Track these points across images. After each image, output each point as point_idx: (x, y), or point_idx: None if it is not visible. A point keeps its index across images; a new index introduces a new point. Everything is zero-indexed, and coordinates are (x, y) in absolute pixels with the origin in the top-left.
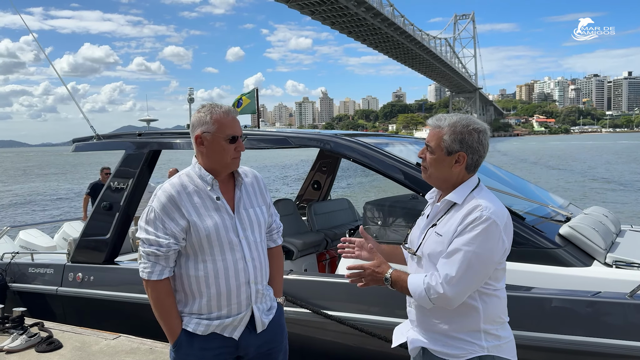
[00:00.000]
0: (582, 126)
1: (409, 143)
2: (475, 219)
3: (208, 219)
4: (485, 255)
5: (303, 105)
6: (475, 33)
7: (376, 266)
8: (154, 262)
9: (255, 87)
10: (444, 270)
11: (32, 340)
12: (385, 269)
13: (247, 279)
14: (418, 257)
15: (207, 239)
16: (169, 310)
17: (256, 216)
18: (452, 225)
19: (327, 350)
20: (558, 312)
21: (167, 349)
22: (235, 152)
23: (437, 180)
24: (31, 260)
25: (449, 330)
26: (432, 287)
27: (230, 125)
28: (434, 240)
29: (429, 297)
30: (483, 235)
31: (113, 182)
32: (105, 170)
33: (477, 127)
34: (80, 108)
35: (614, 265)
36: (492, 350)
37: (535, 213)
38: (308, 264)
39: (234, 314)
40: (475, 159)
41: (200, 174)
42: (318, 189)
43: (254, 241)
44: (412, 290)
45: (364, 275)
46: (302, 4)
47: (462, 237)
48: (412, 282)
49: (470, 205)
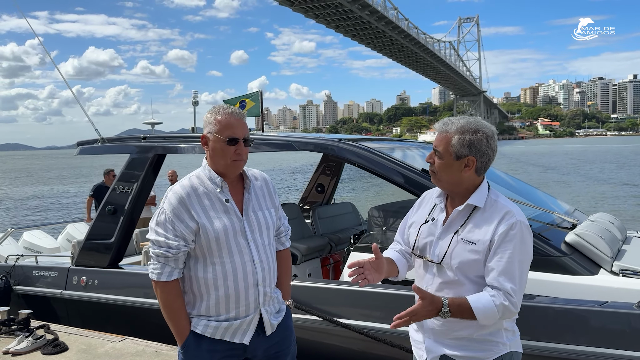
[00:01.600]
0: (587, 129)
1: (414, 148)
2: (511, 226)
3: (217, 221)
4: (528, 259)
5: (307, 108)
6: (480, 36)
7: (428, 305)
8: (164, 263)
9: (259, 90)
10: (510, 286)
11: (38, 343)
12: (438, 303)
13: (255, 282)
14: (439, 266)
15: (216, 241)
16: (177, 311)
17: (265, 219)
18: (484, 232)
19: (334, 355)
20: (564, 322)
21: (172, 352)
22: (235, 154)
23: (448, 184)
24: (35, 262)
25: (473, 333)
26: (505, 307)
27: (231, 126)
28: (465, 248)
29: (499, 317)
30: (523, 241)
31: (118, 186)
32: (111, 173)
33: (486, 131)
34: (85, 111)
35: (621, 273)
36: (512, 346)
37: (541, 220)
38: (312, 269)
39: (242, 316)
40: (484, 162)
41: (210, 176)
42: (322, 192)
43: (262, 244)
44: (479, 313)
45: (416, 318)
46: (306, 8)
47: (507, 247)
48: (477, 306)
49: (500, 212)
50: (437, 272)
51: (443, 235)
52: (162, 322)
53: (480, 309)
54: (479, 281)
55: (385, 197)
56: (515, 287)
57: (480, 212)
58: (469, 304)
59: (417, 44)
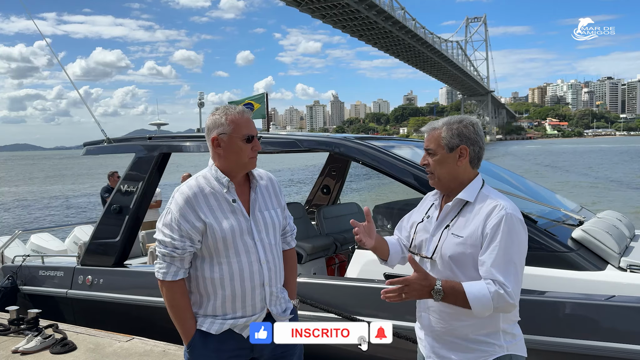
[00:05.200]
0: (596, 129)
1: (419, 147)
2: (501, 218)
3: (224, 221)
4: (522, 251)
5: (314, 108)
6: (487, 36)
7: (422, 279)
8: (169, 263)
9: (264, 92)
10: (503, 278)
11: (47, 342)
12: (432, 280)
13: (261, 282)
14: (432, 262)
15: (223, 241)
16: (183, 310)
17: (271, 219)
18: (473, 226)
19: (340, 355)
20: (571, 316)
21: (180, 352)
22: (252, 151)
23: (446, 180)
24: (41, 263)
25: (469, 333)
26: (501, 295)
27: (245, 125)
28: (454, 242)
29: (494, 307)
30: (516, 233)
31: (123, 185)
32: (115, 175)
33: (470, 120)
34: (90, 111)
35: (629, 269)
36: (510, 349)
37: (548, 216)
38: (317, 268)
39: (248, 315)
40: (476, 150)
41: (216, 176)
42: (327, 194)
43: (269, 244)
44: (473, 300)
45: (407, 290)
46: (312, 8)
47: (498, 240)
48: (472, 291)
49: (489, 206)
50: (431, 267)
51: (435, 231)
52: (167, 321)
53: (474, 294)
54: (474, 276)
55: (393, 195)
56: (509, 278)
57: (470, 206)
58: (462, 289)
59: (424, 43)
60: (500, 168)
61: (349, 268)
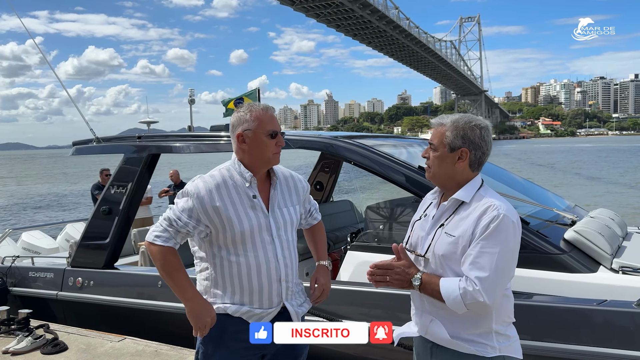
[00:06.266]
0: (589, 129)
1: (413, 145)
2: (492, 219)
3: (244, 216)
4: (510, 254)
5: (308, 107)
6: (481, 35)
7: (406, 266)
8: (165, 228)
9: (257, 88)
10: (477, 275)
11: (38, 342)
12: (414, 270)
13: (278, 277)
14: (426, 260)
15: (241, 236)
16: (176, 268)
17: (289, 215)
18: (465, 226)
19: (338, 355)
20: (562, 321)
21: (172, 352)
22: (276, 147)
23: (441, 178)
24: (32, 264)
25: (460, 333)
26: (469, 292)
27: (269, 121)
28: (446, 241)
29: (464, 303)
30: (504, 235)
31: (112, 186)
32: (105, 172)
33: (479, 124)
34: (79, 111)
35: (620, 271)
36: (503, 350)
37: (540, 216)
38: (309, 268)
39: (265, 307)
40: (478, 155)
41: (240, 171)
42: (321, 190)
43: (287, 240)
44: (445, 294)
45: (391, 274)
46: (307, 7)
47: (484, 240)
48: (445, 285)
49: (483, 206)
50: (424, 265)
51: (431, 230)
52: (158, 323)
53: (446, 288)
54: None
55: (387, 194)
56: (483, 276)
57: (465, 206)
58: (438, 281)
59: (418, 43)
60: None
61: (341, 270)
